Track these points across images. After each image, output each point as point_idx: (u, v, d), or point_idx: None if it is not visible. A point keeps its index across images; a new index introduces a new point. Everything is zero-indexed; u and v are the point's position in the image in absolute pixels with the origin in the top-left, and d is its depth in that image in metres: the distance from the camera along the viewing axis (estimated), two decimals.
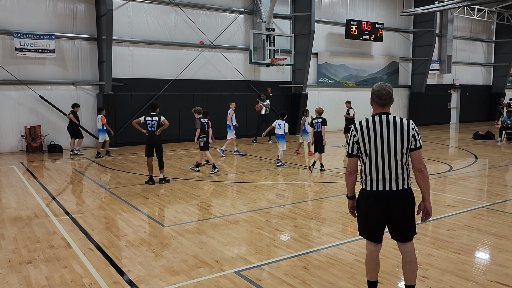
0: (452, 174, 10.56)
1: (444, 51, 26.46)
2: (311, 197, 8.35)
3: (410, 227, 3.65)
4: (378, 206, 3.60)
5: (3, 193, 8.69)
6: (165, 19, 17.12)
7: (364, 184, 3.69)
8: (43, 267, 4.81)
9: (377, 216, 3.63)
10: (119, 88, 16.19)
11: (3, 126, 14.53)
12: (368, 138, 3.59)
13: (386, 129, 3.54)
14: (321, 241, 5.62)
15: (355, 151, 3.69)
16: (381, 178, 3.57)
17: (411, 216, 3.63)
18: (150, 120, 9.26)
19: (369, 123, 3.61)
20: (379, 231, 3.71)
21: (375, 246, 3.78)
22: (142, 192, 8.60)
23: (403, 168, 3.56)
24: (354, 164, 3.72)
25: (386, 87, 3.62)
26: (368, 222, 3.72)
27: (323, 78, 21.90)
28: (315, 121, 10.86)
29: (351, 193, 3.85)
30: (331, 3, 21.81)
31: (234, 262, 4.91)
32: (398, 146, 3.53)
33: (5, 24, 14.27)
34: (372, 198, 3.62)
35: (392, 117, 3.59)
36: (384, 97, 3.60)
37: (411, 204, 3.62)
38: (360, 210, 3.77)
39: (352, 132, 3.70)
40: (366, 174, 3.65)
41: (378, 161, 3.57)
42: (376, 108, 3.67)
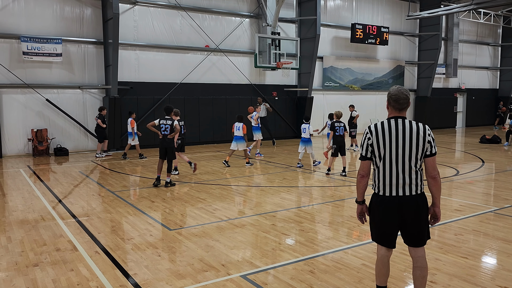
0: (459, 178, 10.49)
1: (450, 55, 26.38)
2: (317, 200, 8.32)
3: (423, 232, 3.61)
4: (391, 211, 3.56)
5: (10, 196, 8.73)
6: (171, 23, 17.21)
7: (377, 188, 3.65)
8: (50, 270, 4.82)
9: (390, 221, 3.59)
10: (125, 91, 16.26)
11: (10, 129, 14.63)
12: (383, 142, 3.54)
13: (402, 133, 3.49)
14: (327, 245, 5.59)
15: (369, 154, 3.64)
16: (394, 183, 3.53)
17: (424, 221, 3.60)
18: (164, 124, 9.44)
19: (385, 126, 3.56)
20: (392, 236, 3.67)
21: (386, 251, 3.74)
22: (148, 196, 8.61)
23: (417, 173, 3.53)
24: (367, 167, 3.67)
25: (403, 90, 3.57)
26: (381, 227, 3.67)
27: (329, 82, 21.88)
28: (337, 125, 10.76)
29: (361, 198, 3.78)
30: (336, 7, 21.82)
31: (240, 266, 4.90)
32: (413, 151, 3.48)
33: (13, 28, 14.40)
34: (385, 203, 3.58)
35: (408, 121, 3.54)
36: (402, 101, 3.54)
37: (425, 209, 3.59)
38: (373, 215, 3.72)
39: (366, 134, 3.64)
40: (379, 178, 3.60)
41: (392, 166, 3.53)
42: (392, 112, 3.62)
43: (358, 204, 3.82)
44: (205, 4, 17.94)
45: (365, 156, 3.66)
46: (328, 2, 21.47)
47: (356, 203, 3.83)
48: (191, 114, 17.59)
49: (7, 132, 14.58)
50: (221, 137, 18.48)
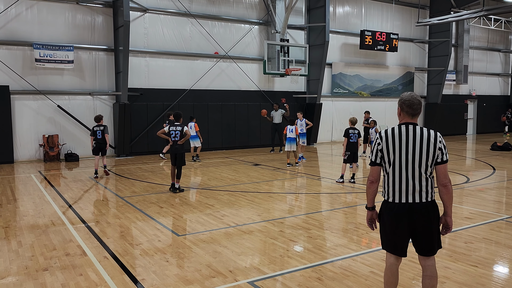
0: (470, 185, 10.38)
1: (460, 61, 26.21)
2: (325, 207, 8.29)
3: (434, 240, 3.56)
4: (402, 219, 3.51)
5: (21, 201, 8.84)
6: (180, 30, 17.37)
7: (387, 195, 3.61)
8: (59, 275, 4.87)
9: (401, 229, 3.54)
10: (135, 98, 16.41)
11: (22, 135, 14.83)
12: (393, 147, 3.51)
13: (412, 139, 3.47)
14: (335, 252, 5.56)
15: (379, 160, 3.62)
16: (404, 189, 3.49)
17: (435, 229, 3.56)
18: (174, 130, 9.45)
19: (395, 132, 3.53)
20: (403, 245, 3.62)
21: (395, 260, 3.69)
22: (156, 201, 8.66)
23: (428, 180, 3.49)
24: (377, 173, 3.64)
25: (416, 96, 3.57)
26: (391, 235, 3.62)
27: (338, 89, 21.86)
28: (351, 132, 10.61)
29: (370, 204, 3.75)
30: (345, 13, 21.85)
31: (248, 272, 4.89)
32: (423, 158, 3.45)
33: (26, 36, 14.65)
34: (395, 211, 3.53)
35: (419, 127, 3.52)
36: (415, 106, 3.53)
37: (436, 217, 3.55)
38: (383, 223, 3.68)
39: (377, 140, 3.63)
40: (389, 184, 3.57)
41: (402, 172, 3.50)
42: (404, 118, 3.60)
43: (368, 210, 3.79)
44: (215, 11, 18.09)
45: (374, 162, 3.64)
46: (337, 9, 21.51)
47: (366, 209, 3.80)
48: (200, 121, 17.63)
49: (19, 137, 14.78)
50: (230, 143, 18.54)
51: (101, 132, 11.58)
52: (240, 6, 18.76)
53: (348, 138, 10.59)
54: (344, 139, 10.66)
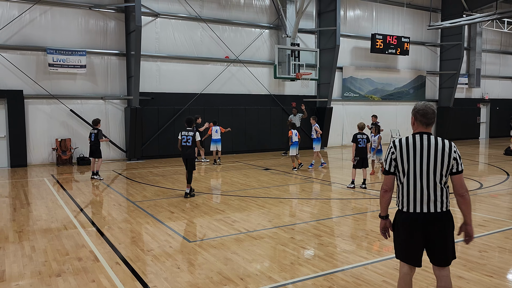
0: (483, 192, 10.25)
1: (472, 65, 25.94)
2: (336, 213, 8.25)
3: (449, 251, 3.54)
4: (416, 229, 3.50)
5: (34, 205, 8.94)
6: (191, 34, 17.46)
7: (401, 205, 3.60)
8: (72, 280, 4.91)
9: (415, 239, 3.53)
10: (146, 102, 16.52)
11: (35, 139, 15.02)
12: (406, 157, 3.51)
13: (427, 149, 3.46)
14: (347, 260, 5.53)
15: (392, 169, 3.61)
16: (419, 199, 3.48)
17: (450, 239, 3.53)
18: (186, 136, 9.51)
19: (409, 141, 3.53)
20: (418, 255, 3.59)
21: (409, 270, 3.66)
22: (167, 206, 8.69)
23: (442, 190, 3.48)
24: (391, 182, 3.63)
25: (430, 105, 3.56)
26: (405, 245, 3.60)
27: (348, 92, 21.77)
28: (359, 137, 10.59)
29: (384, 212, 3.73)
30: (356, 17, 21.78)
31: (259, 280, 4.88)
32: (437, 168, 3.45)
33: (39, 41, 14.85)
34: (410, 221, 3.52)
35: (433, 137, 3.51)
36: (429, 116, 3.52)
37: (451, 228, 3.52)
38: (397, 233, 3.66)
39: (390, 149, 3.62)
40: (403, 194, 3.56)
41: (416, 182, 3.49)
42: (418, 127, 3.58)
43: (381, 219, 3.77)
44: (225, 15, 18.16)
45: (388, 171, 3.63)
46: (348, 12, 21.45)
47: (380, 218, 3.78)
48: None
49: (32, 141, 14.97)
50: (240, 147, 18.56)
51: (94, 135, 11.96)
52: (251, 11, 18.81)
53: (356, 143, 10.56)
54: (353, 144, 10.63)
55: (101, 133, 12.09)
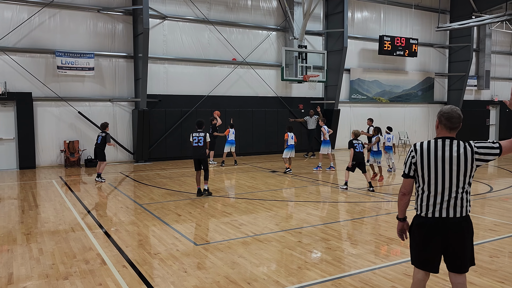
0: (493, 195, 10.12)
1: (482, 67, 25.70)
2: (343, 217, 8.19)
3: (467, 257, 3.47)
4: (434, 234, 3.44)
5: (42, 207, 8.98)
6: (199, 37, 17.50)
7: (420, 209, 3.53)
8: (79, 284, 4.90)
9: (433, 244, 3.46)
10: (154, 104, 16.57)
11: (44, 140, 15.12)
12: (427, 162, 3.44)
13: (449, 155, 3.38)
14: (355, 265, 5.47)
15: (412, 172, 3.55)
16: (438, 204, 3.42)
17: (469, 245, 3.46)
18: (197, 136, 9.79)
19: (431, 146, 3.45)
20: (435, 261, 3.52)
21: (424, 276, 3.59)
22: (174, 209, 8.69)
23: (463, 194, 3.42)
24: (409, 186, 3.59)
25: (456, 109, 3.46)
26: (423, 251, 3.53)
27: (356, 94, 21.67)
28: (355, 142, 10.71)
29: (402, 215, 3.70)
30: (364, 19, 21.69)
31: (266, 284, 4.85)
32: (461, 174, 3.38)
33: (48, 44, 14.97)
34: (428, 226, 3.46)
35: (456, 142, 3.42)
36: (454, 120, 3.42)
37: (470, 233, 3.46)
38: (414, 238, 3.59)
39: (411, 152, 3.55)
40: (422, 198, 3.50)
41: (437, 187, 3.42)
42: (441, 131, 3.49)
43: (399, 221, 3.74)
44: (233, 18, 18.18)
45: (407, 174, 3.58)
46: (356, 14, 21.37)
47: (397, 220, 3.76)
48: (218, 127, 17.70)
49: (41, 143, 15.07)
50: (247, 149, 18.54)
51: (102, 138, 12.07)
52: (258, 13, 18.81)
53: (353, 148, 10.68)
54: (351, 150, 10.73)
55: (109, 137, 12.19)
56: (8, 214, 8.36)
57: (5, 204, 9.32)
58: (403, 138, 23.23)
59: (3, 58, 14.32)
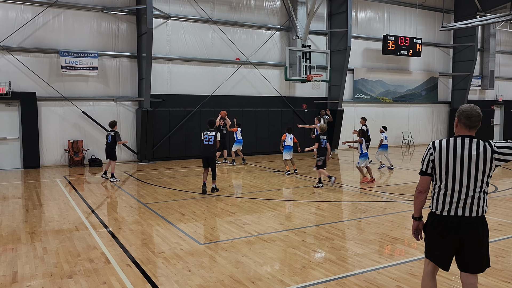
0: (498, 195, 10.07)
1: (486, 66, 25.59)
2: (347, 216, 8.16)
3: (482, 258, 3.44)
4: (449, 233, 3.42)
5: (46, 206, 9.00)
6: (202, 36, 17.51)
7: (435, 207, 3.51)
8: (83, 282, 4.90)
9: (446, 243, 3.44)
10: (157, 104, 16.59)
11: (48, 140, 15.17)
12: (445, 160, 3.41)
13: (468, 153, 3.35)
14: (360, 264, 5.45)
15: (429, 170, 3.53)
16: (455, 202, 3.40)
17: (484, 245, 3.43)
18: (208, 135, 10.02)
19: (450, 144, 3.42)
20: (447, 259, 3.51)
21: (434, 268, 3.62)
22: (178, 208, 8.69)
23: (480, 194, 3.39)
24: (426, 183, 3.55)
25: (476, 108, 3.45)
26: (436, 248, 3.53)
27: (359, 94, 21.62)
28: (322, 137, 10.94)
29: (418, 214, 3.66)
30: (367, 19, 21.63)
31: (270, 284, 4.83)
32: (479, 172, 3.36)
33: (52, 44, 15.01)
34: (443, 224, 3.45)
35: (476, 141, 3.39)
36: (473, 118, 3.41)
37: (485, 233, 3.44)
38: (429, 236, 3.59)
39: (429, 150, 3.52)
40: (439, 196, 3.47)
41: (455, 185, 3.40)
42: (460, 130, 3.47)
43: (414, 220, 3.70)
44: (236, 17, 18.18)
45: (425, 172, 3.55)
46: (359, 14, 21.32)
47: (412, 219, 3.72)
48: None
49: (45, 143, 15.12)
50: (250, 149, 18.51)
51: (111, 137, 12.17)
52: (262, 12, 18.80)
53: (319, 144, 10.84)
54: (315, 144, 10.94)
55: (119, 135, 12.26)
56: (13, 213, 8.39)
57: (9, 203, 9.35)
58: (407, 138, 23.16)
59: (7, 57, 14.37)
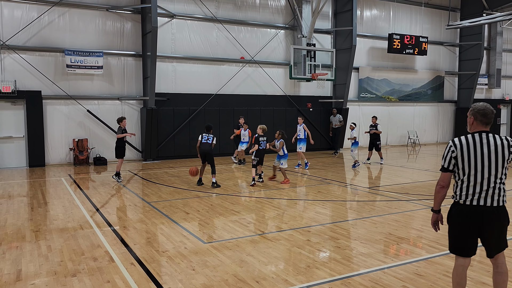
0: None
1: (493, 65, 25.38)
2: (352, 215, 8.11)
3: (504, 241, 3.79)
4: (473, 221, 3.71)
5: (51, 204, 9.02)
6: (207, 35, 17.48)
7: (459, 197, 3.79)
8: (87, 281, 4.89)
9: (471, 231, 3.74)
10: (162, 103, 16.59)
11: (53, 139, 15.21)
12: (467, 155, 3.71)
13: (487, 147, 3.68)
14: (365, 264, 5.40)
15: (452, 166, 3.80)
16: (477, 193, 3.69)
17: (505, 231, 3.79)
18: (206, 135, 11.01)
19: (469, 140, 3.73)
20: (472, 246, 3.80)
21: (463, 261, 3.84)
22: (182, 207, 8.67)
23: (500, 185, 3.70)
24: (448, 179, 3.84)
25: (489, 106, 3.80)
26: (461, 237, 3.80)
27: (365, 93, 21.52)
28: (261, 139, 11.08)
29: (437, 207, 3.93)
30: (373, 17, 21.52)
31: (274, 283, 4.80)
32: (499, 165, 3.68)
33: (58, 42, 15.04)
34: (466, 213, 3.73)
35: (492, 135, 3.73)
36: (489, 115, 3.76)
37: (506, 221, 3.75)
38: (452, 225, 3.85)
39: (450, 147, 3.80)
40: (462, 189, 3.76)
41: (477, 178, 3.69)
42: (477, 127, 3.79)
43: (434, 213, 3.97)
44: (241, 16, 18.13)
45: (447, 168, 3.82)
46: (365, 12, 21.21)
47: (432, 212, 3.97)
48: (226, 125, 17.69)
49: (50, 141, 15.16)
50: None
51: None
52: (266, 11, 18.74)
53: (258, 145, 11.04)
54: (255, 145, 11.09)
55: (119, 130, 11.68)
56: (18, 211, 8.41)
57: (14, 201, 9.38)
58: (413, 137, 23.02)
59: (13, 56, 14.42)
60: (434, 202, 3.92)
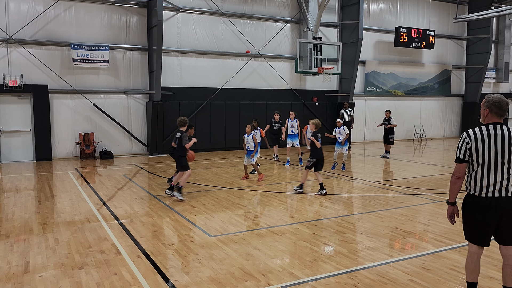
0: None
1: (501, 59, 25.13)
2: (359, 210, 8.08)
3: None
4: (488, 212, 3.75)
5: (58, 198, 9.07)
6: (213, 29, 17.43)
7: (473, 189, 3.82)
8: (94, 273, 4.92)
9: (486, 221, 3.77)
10: (168, 97, 16.60)
11: (60, 133, 15.28)
12: (482, 146, 3.74)
13: (501, 138, 3.72)
14: (371, 258, 5.38)
15: (466, 157, 3.83)
16: (492, 184, 3.73)
17: None
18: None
19: (484, 131, 3.76)
20: (487, 236, 3.84)
21: (477, 249, 3.90)
22: (189, 200, 8.69)
23: None
24: (463, 170, 3.87)
25: (504, 98, 3.82)
26: (476, 227, 3.84)
27: (371, 87, 21.40)
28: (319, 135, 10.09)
29: (453, 199, 3.95)
30: (380, 10, 21.34)
31: (281, 277, 4.80)
32: None
33: (64, 36, 15.07)
34: (481, 204, 3.77)
35: (506, 127, 3.78)
36: (504, 108, 3.78)
37: None
38: (468, 216, 3.89)
39: (465, 139, 3.83)
40: (476, 180, 3.79)
41: (490, 169, 3.73)
42: (492, 118, 3.81)
43: (449, 205, 3.98)
44: (247, 10, 18.05)
45: (463, 159, 3.85)
46: (371, 5, 21.04)
47: (448, 204, 3.99)
48: (232, 119, 17.69)
49: (57, 135, 15.23)
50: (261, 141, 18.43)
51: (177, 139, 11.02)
52: (272, 5, 18.65)
53: None
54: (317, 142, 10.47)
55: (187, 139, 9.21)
56: (25, 204, 8.47)
57: (22, 194, 9.44)
58: (419, 131, 22.90)
59: (19, 50, 14.47)
60: (450, 194, 3.93)
